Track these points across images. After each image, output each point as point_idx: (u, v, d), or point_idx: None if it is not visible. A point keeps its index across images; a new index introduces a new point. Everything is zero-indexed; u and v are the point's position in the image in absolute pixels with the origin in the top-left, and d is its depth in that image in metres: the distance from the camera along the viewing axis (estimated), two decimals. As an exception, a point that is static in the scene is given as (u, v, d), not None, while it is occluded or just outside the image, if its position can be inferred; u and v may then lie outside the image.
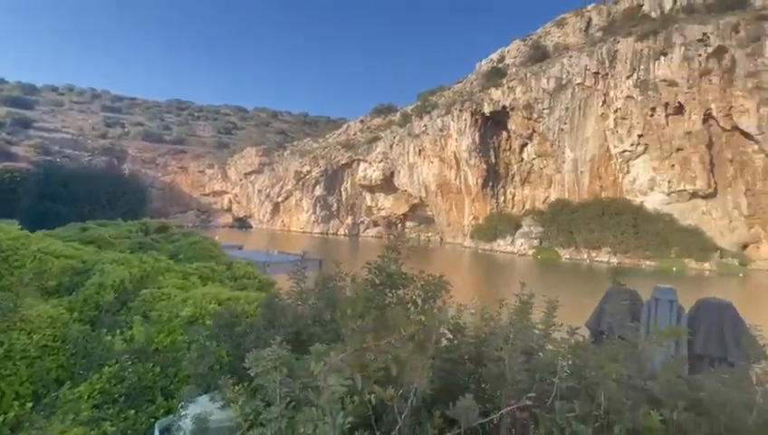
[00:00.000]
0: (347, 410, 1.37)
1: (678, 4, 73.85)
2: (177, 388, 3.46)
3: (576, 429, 1.44)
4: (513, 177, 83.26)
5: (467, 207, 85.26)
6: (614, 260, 59.79)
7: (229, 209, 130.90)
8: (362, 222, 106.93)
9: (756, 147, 57.98)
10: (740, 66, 58.05)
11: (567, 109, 73.22)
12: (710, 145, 61.33)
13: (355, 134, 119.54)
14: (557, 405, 1.57)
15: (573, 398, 1.65)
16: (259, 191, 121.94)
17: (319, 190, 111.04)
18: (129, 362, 3.49)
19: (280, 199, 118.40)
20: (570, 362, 2.08)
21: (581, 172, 72.49)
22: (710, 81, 59.86)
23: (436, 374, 1.80)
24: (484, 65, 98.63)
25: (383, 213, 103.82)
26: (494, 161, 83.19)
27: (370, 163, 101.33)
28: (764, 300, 37.29)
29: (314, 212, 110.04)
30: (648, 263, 57.69)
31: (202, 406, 2.61)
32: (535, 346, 2.10)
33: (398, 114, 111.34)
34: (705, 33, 60.51)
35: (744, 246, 59.20)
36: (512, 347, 1.66)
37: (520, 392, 1.61)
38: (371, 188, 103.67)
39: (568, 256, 64.13)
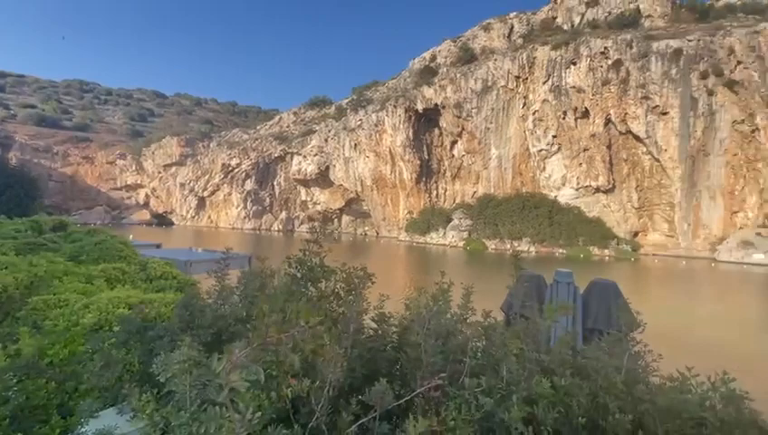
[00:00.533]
0: (263, 405, 1.35)
1: (585, 19, 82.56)
2: (78, 404, 3.10)
3: (482, 401, 1.58)
4: (445, 172, 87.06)
5: (402, 202, 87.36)
6: (533, 249, 65.62)
7: (146, 205, 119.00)
8: (297, 217, 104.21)
9: (645, 149, 67.47)
10: (632, 78, 66.88)
11: (492, 109, 78.29)
12: (609, 146, 69.96)
13: (288, 126, 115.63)
14: (467, 382, 1.71)
15: (482, 374, 1.80)
16: (181, 185, 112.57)
17: (250, 184, 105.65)
18: (15, 380, 3.04)
19: (206, 194, 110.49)
20: (483, 343, 2.26)
21: (505, 169, 78.25)
22: (610, 89, 68.11)
23: (359, 363, 1.84)
24: (417, 63, 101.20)
25: (319, 208, 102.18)
26: (427, 157, 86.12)
27: (305, 157, 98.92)
28: (648, 279, 43.83)
29: (245, 207, 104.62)
30: (560, 251, 64.27)
31: (107, 420, 2.38)
32: (452, 330, 2.24)
33: (333, 107, 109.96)
34: (606, 47, 68.57)
35: (635, 234, 68.80)
36: (427, 332, 1.76)
37: (435, 373, 1.72)
38: (306, 183, 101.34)
39: (494, 247, 68.94)
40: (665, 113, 64.21)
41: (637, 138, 67.40)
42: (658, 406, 1.47)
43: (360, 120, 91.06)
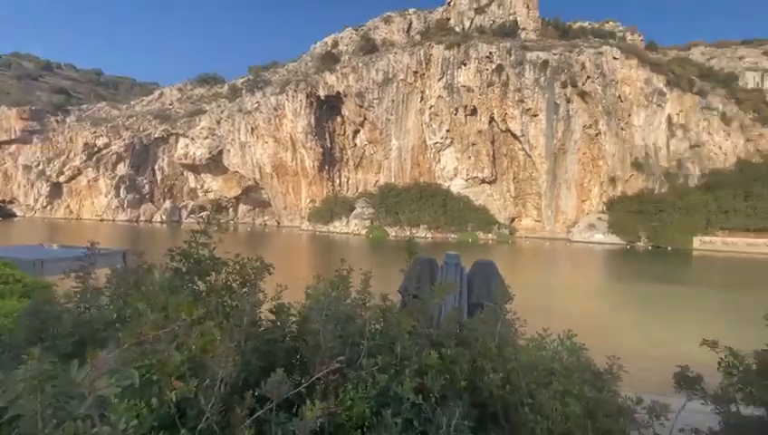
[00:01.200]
0: (141, 413, 1.21)
1: (474, 24, 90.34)
2: None
3: (378, 378, 1.67)
4: (348, 161, 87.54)
5: (305, 190, 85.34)
6: (429, 235, 70.55)
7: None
8: (185, 207, 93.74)
9: (520, 145, 77.55)
10: (511, 82, 75.88)
11: (393, 101, 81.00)
12: (493, 142, 78.61)
13: (172, 104, 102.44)
14: (364, 363, 1.78)
15: (378, 354, 1.89)
16: (26, 167, 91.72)
17: (123, 168, 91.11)
18: None
19: (62, 179, 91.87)
20: (381, 325, 2.38)
21: (405, 159, 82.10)
22: (493, 91, 76.19)
23: (254, 356, 1.78)
24: (318, 48, 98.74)
25: (211, 196, 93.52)
26: (330, 145, 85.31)
27: (193, 139, 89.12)
28: (520, 258, 50.98)
29: (117, 195, 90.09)
30: (452, 236, 70.34)
31: None
32: (351, 314, 2.30)
33: (227, 86, 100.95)
34: (491, 52, 76.26)
35: (512, 220, 79.15)
36: (326, 319, 1.78)
37: (333, 358, 1.75)
38: (196, 168, 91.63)
39: (395, 234, 72.15)
40: (535, 115, 74.47)
41: (514, 135, 76.90)
42: (522, 363, 1.75)
43: (258, 102, 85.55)
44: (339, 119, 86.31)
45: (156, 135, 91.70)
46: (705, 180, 71.91)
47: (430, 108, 79.20)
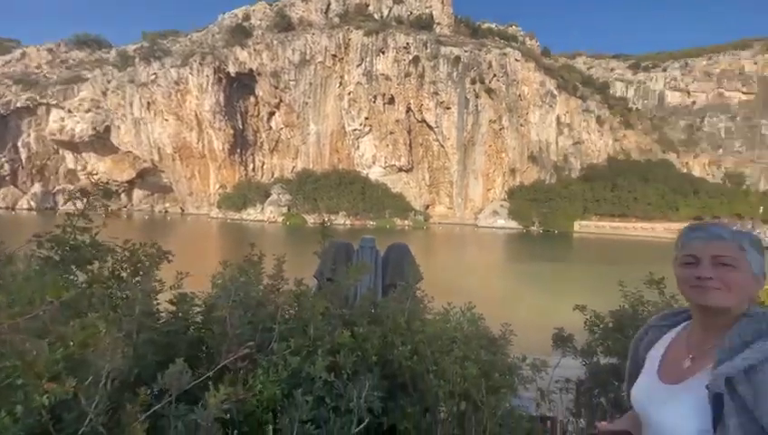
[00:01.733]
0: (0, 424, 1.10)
1: (392, 13, 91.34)
2: None
3: (290, 361, 1.66)
4: (263, 145, 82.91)
5: (213, 175, 78.82)
6: (348, 222, 70.88)
7: None
8: (62, 191, 79.76)
9: (434, 136, 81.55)
10: (427, 74, 78.90)
11: (311, 84, 78.52)
12: (410, 131, 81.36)
13: (39, 67, 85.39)
14: (275, 347, 1.75)
15: (291, 337, 1.87)
16: None
17: (-27, 143, 73.87)
18: None
19: None
20: (295, 309, 2.35)
21: (323, 145, 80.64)
22: (410, 81, 78.46)
23: (150, 349, 1.63)
24: (227, 19, 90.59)
25: (97, 179, 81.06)
26: (242, 127, 79.68)
27: (71, 112, 75.76)
28: (434, 242, 54.26)
29: (-35, 176, 73.04)
30: (371, 223, 71.68)
31: None
32: (262, 300, 2.23)
33: (114, 52, 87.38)
34: (408, 43, 78.12)
35: (427, 207, 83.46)
36: (233, 305, 1.70)
37: (242, 344, 1.69)
38: (75, 146, 78.32)
39: (313, 221, 70.90)
40: (448, 108, 78.76)
41: (429, 126, 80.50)
42: (428, 334, 1.90)
43: (156, 74, 75.84)
44: (252, 99, 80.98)
45: (18, 104, 75.85)
46: (583, 173, 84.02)
47: (349, 94, 78.66)
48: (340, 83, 79.18)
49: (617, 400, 2.45)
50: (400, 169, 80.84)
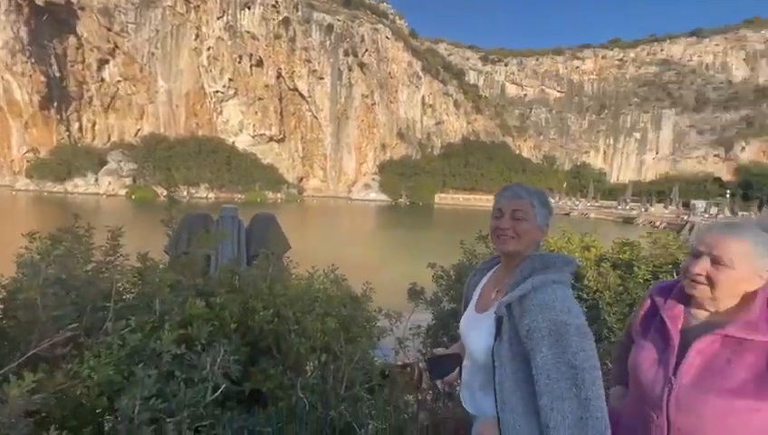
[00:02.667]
0: None
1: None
2: None
3: (129, 339, 1.48)
4: (92, 100, 67.20)
5: (17, 134, 60.84)
6: (212, 195, 64.29)
7: None
8: None
9: (307, 106, 79.06)
10: (299, 39, 75.01)
11: (158, 31, 66.27)
12: (281, 99, 76.95)
13: None
14: (110, 326, 1.54)
15: (132, 315, 1.67)
16: None
17: None
18: None
19: None
20: (140, 286, 2.07)
21: (177, 106, 69.95)
22: (281, 45, 73.48)
23: None
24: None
25: None
26: (58, 75, 62.72)
27: None
28: (308, 215, 53.85)
29: None
30: (239, 196, 66.50)
31: None
32: (92, 279, 1.90)
33: None
34: (277, 2, 72.39)
35: (301, 180, 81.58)
36: (46, 284, 1.41)
37: (62, 328, 1.43)
38: None
39: (167, 194, 62.01)
40: (321, 78, 77.00)
41: (302, 95, 77.57)
42: (290, 296, 1.93)
43: None
44: (72, 40, 64.18)
45: None
46: (443, 151, 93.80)
47: (209, 49, 69.41)
48: (197, 36, 69.10)
49: (456, 337, 2.93)
50: (271, 139, 76.46)
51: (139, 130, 68.71)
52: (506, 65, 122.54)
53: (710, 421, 1.02)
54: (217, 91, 71.08)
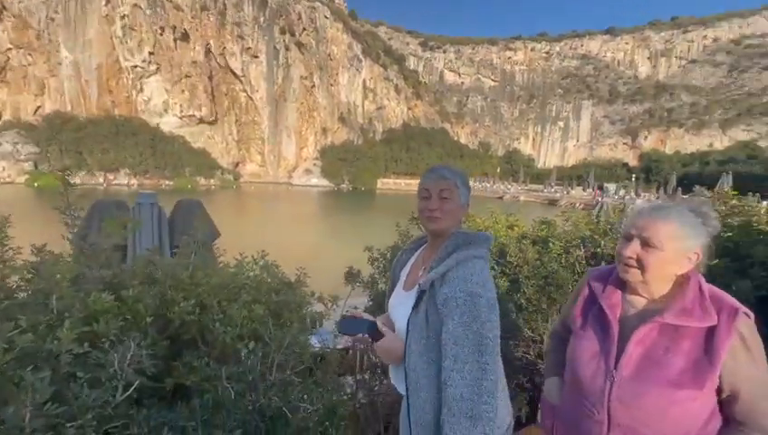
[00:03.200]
0: None
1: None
2: None
3: (18, 341, 1.32)
4: (-24, 70, 56.91)
5: None
6: (134, 182, 58.55)
7: None
8: None
9: (242, 86, 74.33)
10: (229, 13, 69.69)
11: (58, -7, 57.58)
12: (211, 78, 71.41)
13: None
14: (-8, 329, 1.35)
15: (23, 314, 1.48)
16: None
17: None
18: None
19: None
20: (36, 283, 1.83)
21: (87, 81, 61.83)
22: (208, 18, 67.76)
23: None
24: None
25: None
26: (-73, 37, 52.05)
27: None
28: (246, 202, 51.43)
29: None
30: (167, 183, 61.34)
31: None
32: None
33: None
34: (202, -31, 66.31)
35: (236, 165, 77.14)
36: None
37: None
38: None
39: (79, 181, 55.20)
40: (256, 57, 72.68)
41: (235, 74, 72.70)
42: (213, 284, 1.83)
43: None
44: (-55, -4, 53.66)
45: None
46: (385, 136, 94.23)
47: (123, 18, 61.95)
48: (108, 1, 61.25)
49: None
50: (202, 121, 71.06)
51: (39, 107, 59.88)
52: (445, 52, 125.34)
53: (651, 414, 1.01)
54: (136, 66, 64.04)
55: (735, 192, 2.84)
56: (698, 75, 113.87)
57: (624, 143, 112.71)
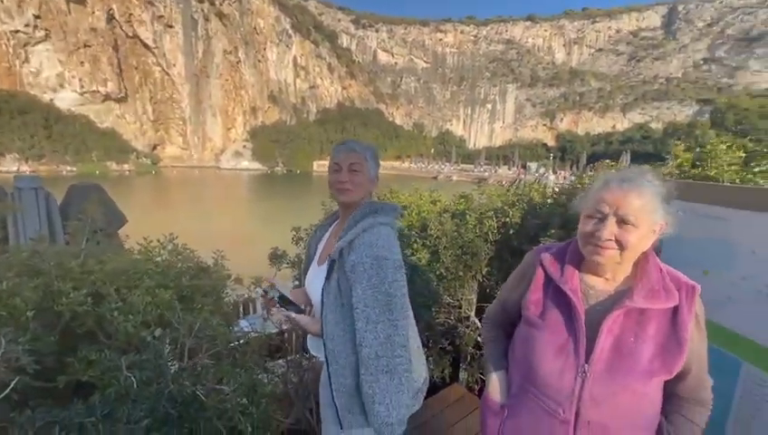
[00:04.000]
0: None
1: None
2: None
3: None
4: None
5: None
6: (25, 168, 50.59)
7: None
8: None
9: (155, 59, 66.80)
10: (134, -25, 61.56)
11: None
12: (117, 48, 63.11)
13: None
14: None
15: None
16: None
17: None
18: None
19: None
20: None
21: (-48, 47, 51.20)
22: (109, -22, 59.29)
23: None
24: None
25: None
26: None
27: None
28: (168, 188, 47.19)
29: None
30: (69, 168, 53.95)
31: None
32: None
33: None
34: None
35: (155, 148, 70.08)
36: None
37: None
38: None
39: (-48, 168, 46.46)
40: (170, 26, 65.58)
41: (146, 45, 65.10)
42: (107, 271, 1.68)
43: None
44: None
45: None
46: (319, 116, 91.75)
47: (-4, -28, 51.98)
48: (-26, -50, 50.87)
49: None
50: (108, 98, 63.01)
51: None
52: (377, 31, 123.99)
53: (625, 409, 0.94)
54: (17, 32, 54.35)
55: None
56: (604, 63, 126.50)
57: (544, 125, 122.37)
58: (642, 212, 0.93)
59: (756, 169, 1.72)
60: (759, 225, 1.33)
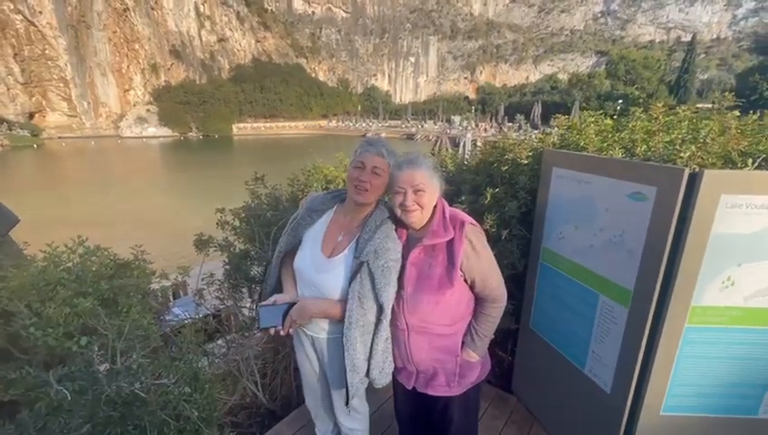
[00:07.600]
0: None
1: None
2: None
3: None
4: None
5: None
6: None
7: None
8: None
9: (13, 6, 54.38)
10: None
11: None
12: (-45, -10, 50.06)
13: None
14: None
15: None
16: None
17: None
18: None
19: None
20: None
21: None
22: None
23: None
24: None
25: None
26: None
27: None
28: (56, 166, 40.52)
29: None
30: None
31: None
32: None
33: None
34: None
35: (32, 116, 59.02)
36: None
37: None
38: None
39: None
40: (27, -37, 53.45)
41: (-4, -13, 52.70)
42: (12, 288, 1.58)
43: None
44: None
45: None
46: (233, 74, 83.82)
47: None
48: None
49: (254, 278, 3.07)
50: (-44, 56, 50.87)
51: None
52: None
53: (428, 313, 1.41)
54: None
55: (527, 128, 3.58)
56: (518, 15, 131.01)
57: (465, 78, 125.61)
58: (426, 179, 1.35)
59: (615, 137, 2.08)
60: (611, 188, 1.68)
